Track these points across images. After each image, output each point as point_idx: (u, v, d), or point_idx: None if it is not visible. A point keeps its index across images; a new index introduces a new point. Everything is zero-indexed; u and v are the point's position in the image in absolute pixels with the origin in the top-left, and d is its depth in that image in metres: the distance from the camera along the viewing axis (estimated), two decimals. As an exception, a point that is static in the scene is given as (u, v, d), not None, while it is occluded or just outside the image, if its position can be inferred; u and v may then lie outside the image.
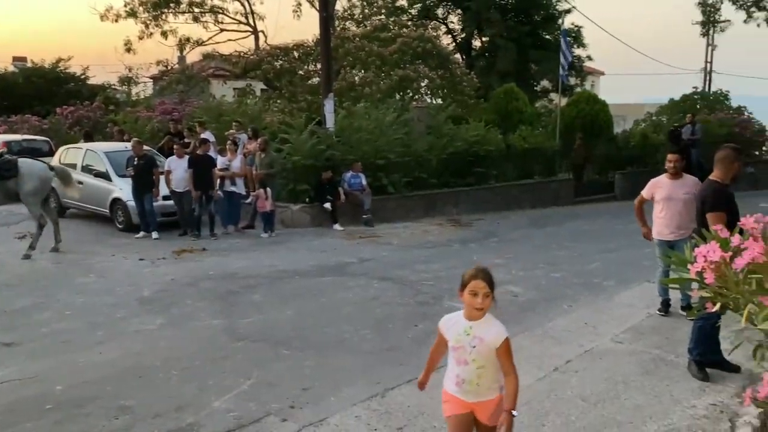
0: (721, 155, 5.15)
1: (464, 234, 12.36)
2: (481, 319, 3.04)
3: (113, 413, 4.49)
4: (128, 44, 24.71)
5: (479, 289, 2.96)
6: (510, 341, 3.05)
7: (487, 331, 3.04)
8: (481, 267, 3.03)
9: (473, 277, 2.98)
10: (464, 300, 3.03)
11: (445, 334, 3.15)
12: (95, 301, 7.44)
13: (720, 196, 5.03)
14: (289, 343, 5.92)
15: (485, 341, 3.02)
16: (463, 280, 3.03)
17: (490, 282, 2.97)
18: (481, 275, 2.97)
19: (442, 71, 21.21)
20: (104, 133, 18.35)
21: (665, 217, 6.46)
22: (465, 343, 3.05)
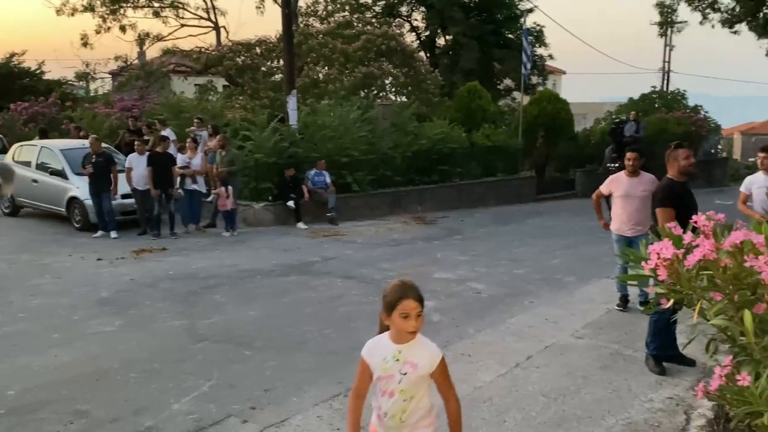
0: (667, 153, 5.31)
1: (429, 231, 12.41)
2: (412, 341, 2.62)
3: (69, 418, 4.37)
4: (85, 39, 24.06)
5: (411, 309, 2.53)
6: (446, 360, 2.68)
7: (420, 355, 2.62)
8: (408, 283, 2.60)
9: (402, 296, 2.53)
10: (393, 323, 2.58)
11: (369, 362, 2.69)
12: (51, 302, 7.24)
13: (668, 192, 5.17)
14: (251, 344, 5.86)
15: (419, 367, 2.61)
16: (389, 300, 2.57)
17: (421, 299, 2.55)
18: (412, 293, 2.53)
19: (406, 69, 21.25)
20: (60, 130, 17.87)
21: (623, 214, 6.59)
22: (394, 370, 2.62)
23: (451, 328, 6.38)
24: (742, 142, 46.94)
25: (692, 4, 21.77)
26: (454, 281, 8.24)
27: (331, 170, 13.48)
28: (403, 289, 2.55)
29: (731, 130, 46.57)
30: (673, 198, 5.10)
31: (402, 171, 15.23)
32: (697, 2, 21.55)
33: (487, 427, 4.29)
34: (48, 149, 13.04)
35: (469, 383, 5.01)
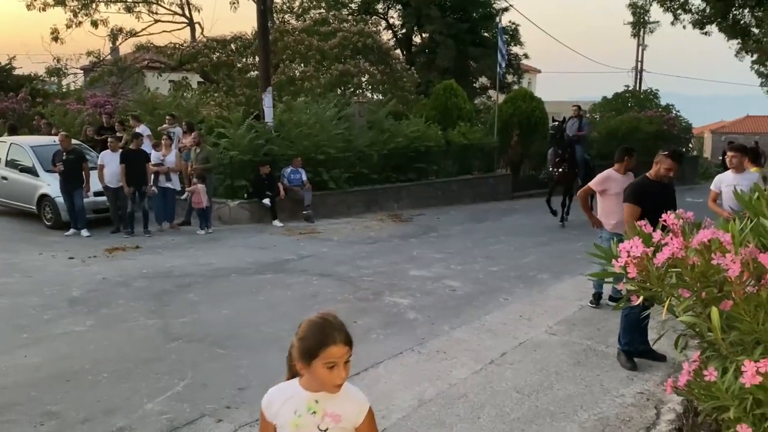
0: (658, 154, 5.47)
1: (405, 229, 12.43)
2: None
3: (38, 419, 4.30)
4: (55, 33, 23.64)
5: (338, 357, 1.97)
6: (373, 411, 2.17)
7: (343, 405, 2.07)
8: (332, 320, 2.03)
9: (329, 340, 1.96)
10: (314, 374, 2.00)
11: (273, 418, 2.13)
12: (20, 302, 7.11)
13: (637, 190, 5.30)
14: (225, 343, 5.81)
15: (342, 419, 2.07)
16: (308, 345, 1.98)
17: (350, 342, 2.01)
18: (339, 336, 1.98)
19: (382, 66, 21.24)
20: (31, 126, 17.55)
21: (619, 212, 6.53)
22: (310, 426, 2.06)
23: (426, 325, 6.40)
24: (712, 140, 47.86)
25: (664, 5, 22.07)
26: (430, 279, 8.27)
27: (308, 168, 13.42)
28: (327, 332, 1.98)
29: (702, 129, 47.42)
30: (641, 195, 5.19)
31: (378, 169, 15.23)
32: (668, 3, 21.86)
33: (462, 424, 4.32)
34: (18, 146, 12.80)
35: (444, 380, 5.04)
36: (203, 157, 12.12)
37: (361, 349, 5.66)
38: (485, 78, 29.07)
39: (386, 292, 7.58)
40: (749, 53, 23.67)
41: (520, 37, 30.24)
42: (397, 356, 5.55)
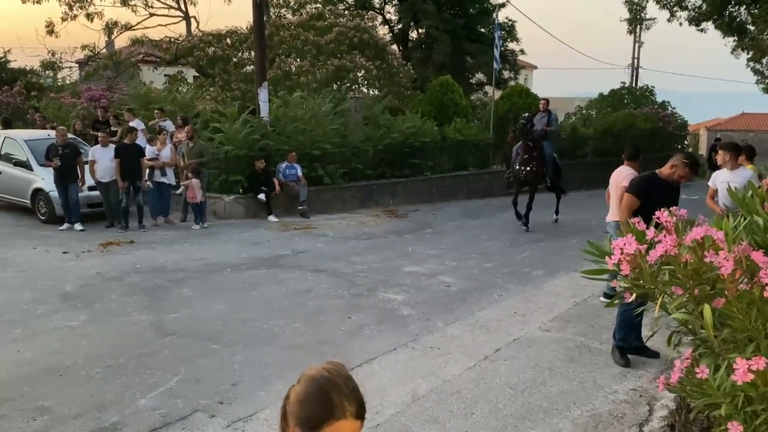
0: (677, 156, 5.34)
1: (400, 225, 12.41)
2: None
3: (31, 414, 4.29)
4: (50, 26, 23.51)
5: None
6: None
7: None
8: (347, 387, 1.57)
9: (338, 413, 1.53)
10: None
11: None
12: (13, 297, 7.08)
13: (641, 184, 5.26)
14: (218, 338, 5.80)
15: None
16: (311, 414, 1.54)
17: (364, 413, 1.58)
18: (353, 408, 1.54)
19: (378, 62, 21.18)
20: (25, 120, 17.45)
21: None
22: None
23: (420, 321, 6.40)
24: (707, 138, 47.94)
25: (660, 2, 22.06)
26: (424, 275, 8.27)
27: (303, 163, 13.39)
28: (335, 402, 1.53)
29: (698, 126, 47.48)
30: (645, 191, 5.15)
31: (374, 164, 15.20)
32: (664, 0, 21.86)
33: (455, 420, 4.33)
34: (12, 139, 12.72)
35: (437, 376, 5.04)
36: (197, 152, 12.08)
37: (355, 345, 5.71)
38: (482, 74, 29.01)
39: (380, 287, 7.57)
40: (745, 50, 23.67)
41: (516, 33, 30.16)
42: (391, 352, 5.55)
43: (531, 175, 11.43)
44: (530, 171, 11.40)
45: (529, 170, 11.39)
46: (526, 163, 11.37)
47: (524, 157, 11.38)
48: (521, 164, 11.42)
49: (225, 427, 4.19)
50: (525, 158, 11.37)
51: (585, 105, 27.44)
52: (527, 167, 11.36)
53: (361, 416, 1.56)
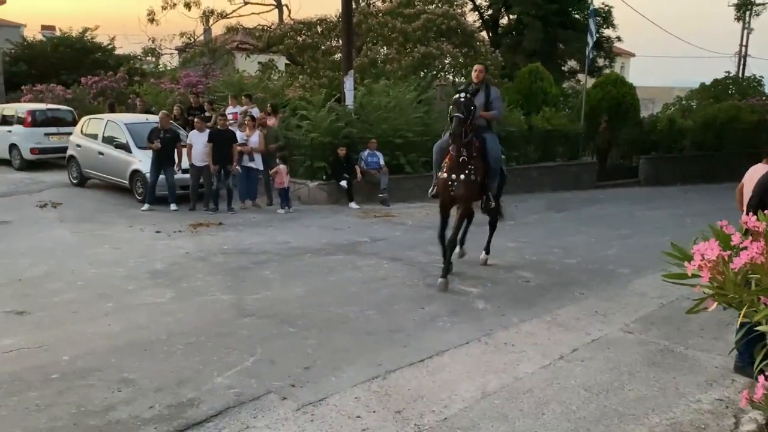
0: None
1: (480, 216, 12.19)
2: None
3: (115, 385, 4.54)
4: (151, 15, 24.66)
5: None
6: None
7: None
8: None
9: None
10: None
11: None
12: (107, 272, 7.51)
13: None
14: (294, 321, 5.93)
15: None
16: None
17: None
18: None
19: (465, 49, 20.89)
20: (127, 104, 18.45)
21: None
22: None
23: (495, 316, 6.29)
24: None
25: (774, -15, 20.51)
26: (502, 268, 8.12)
27: (385, 151, 13.44)
28: None
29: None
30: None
31: (457, 153, 15.02)
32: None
33: (525, 419, 4.23)
34: (114, 123, 13.48)
35: (509, 373, 4.94)
36: (273, 137, 12.43)
37: (427, 336, 5.68)
38: (574, 61, 28.04)
39: (456, 279, 7.50)
40: None
41: (613, 19, 28.88)
42: (463, 346, 5.49)
43: (464, 187, 7.26)
44: (464, 181, 7.24)
45: (462, 180, 7.23)
46: (459, 168, 7.24)
47: (456, 159, 7.24)
48: (450, 170, 7.30)
49: (295, 410, 4.27)
50: (457, 161, 7.23)
51: (685, 95, 25.98)
52: (459, 175, 7.23)
53: None
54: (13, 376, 4.63)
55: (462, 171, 7.22)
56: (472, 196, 7.46)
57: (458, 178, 7.23)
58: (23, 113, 16.21)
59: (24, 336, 5.41)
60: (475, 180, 7.28)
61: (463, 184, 7.23)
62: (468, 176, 7.22)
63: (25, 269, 7.49)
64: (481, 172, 7.39)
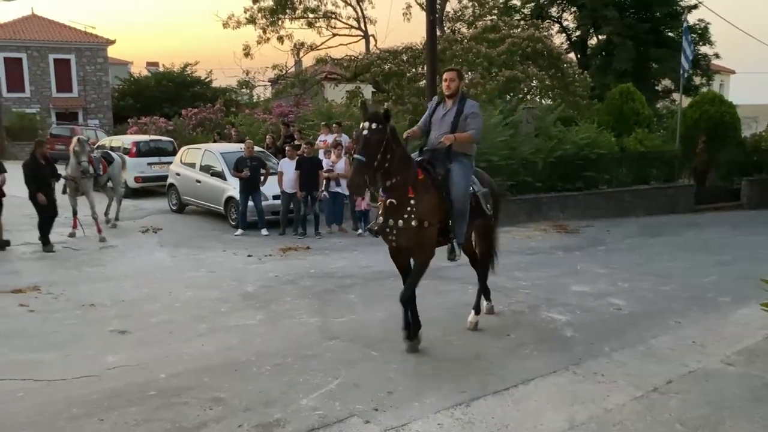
0: None
1: (569, 241, 11.93)
2: None
3: (208, 404, 4.72)
4: (246, 49, 25.96)
5: None
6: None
7: None
8: None
9: None
10: None
11: None
12: (202, 294, 7.87)
13: None
14: (378, 345, 5.97)
15: None
16: None
17: None
18: None
19: (552, 71, 20.62)
20: (223, 134, 19.42)
21: None
22: None
23: (584, 345, 6.08)
24: None
25: None
26: (592, 295, 7.86)
27: (470, 175, 13.37)
28: None
29: None
30: None
31: (543, 177, 14.77)
32: None
33: (614, 453, 4.05)
34: (210, 152, 14.21)
35: (598, 404, 4.76)
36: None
37: (512, 364, 5.57)
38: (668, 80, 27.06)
39: (543, 306, 7.33)
40: None
41: (710, 35, 27.75)
42: (550, 375, 5.34)
43: (405, 235, 5.57)
44: (404, 229, 5.53)
45: (401, 228, 5.53)
46: (392, 212, 5.54)
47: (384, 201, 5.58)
48: (384, 213, 5.61)
49: (377, 434, 4.30)
50: (385, 204, 5.58)
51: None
52: (397, 221, 5.52)
53: None
54: (114, 391, 4.92)
55: (397, 215, 5.48)
56: (424, 245, 5.65)
57: (395, 224, 5.51)
58: (129, 144, 17.40)
59: (125, 354, 5.75)
60: (419, 225, 5.49)
61: (402, 233, 5.52)
62: (408, 221, 5.48)
63: (128, 291, 7.97)
64: (436, 213, 5.65)
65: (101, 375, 5.25)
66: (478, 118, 5.97)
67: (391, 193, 5.50)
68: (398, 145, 5.51)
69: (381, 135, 5.27)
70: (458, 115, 5.89)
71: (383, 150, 5.28)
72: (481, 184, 6.29)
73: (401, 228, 5.53)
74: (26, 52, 36.22)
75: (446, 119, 5.95)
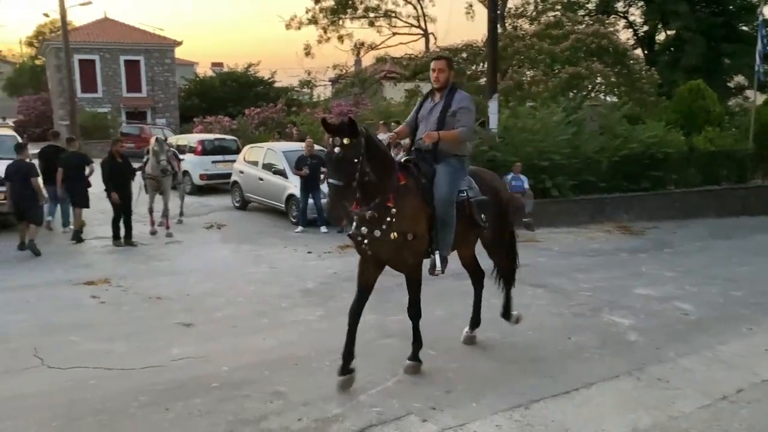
0: None
1: (634, 243, 11.59)
2: None
3: (268, 398, 4.83)
4: (308, 49, 26.34)
5: None
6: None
7: None
8: None
9: None
10: None
11: None
12: (263, 290, 8.04)
13: None
14: (435, 344, 5.94)
15: None
16: None
17: None
18: None
19: (618, 67, 20.07)
20: (284, 133, 19.77)
21: None
22: None
23: (648, 349, 5.92)
24: None
25: None
26: (657, 299, 7.62)
27: (530, 175, 13.19)
28: None
29: None
30: None
31: (607, 176, 14.40)
32: None
33: (680, 463, 3.93)
34: (272, 151, 14.48)
35: (663, 411, 4.63)
36: None
37: (573, 367, 5.46)
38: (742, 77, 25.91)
39: (605, 309, 7.15)
40: None
41: (789, 28, 26.34)
42: (612, 379, 5.22)
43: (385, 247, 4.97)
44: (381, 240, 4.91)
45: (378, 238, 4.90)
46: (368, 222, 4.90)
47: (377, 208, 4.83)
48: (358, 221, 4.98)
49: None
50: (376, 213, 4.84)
51: None
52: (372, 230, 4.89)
53: None
54: (179, 382, 5.09)
55: (374, 225, 4.84)
56: (402, 257, 5.06)
57: (370, 233, 4.87)
58: (194, 143, 17.94)
59: (190, 347, 5.93)
60: (402, 239, 4.87)
61: (382, 245, 4.91)
62: (387, 233, 4.81)
63: (192, 285, 8.22)
64: (422, 223, 5.01)
65: (167, 366, 5.44)
66: (468, 114, 5.22)
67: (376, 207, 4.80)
68: (378, 152, 4.75)
69: (355, 151, 4.46)
70: (445, 110, 5.20)
71: (362, 167, 4.52)
72: (481, 189, 5.44)
73: (378, 239, 4.84)
74: (99, 54, 37.79)
75: (432, 115, 5.27)
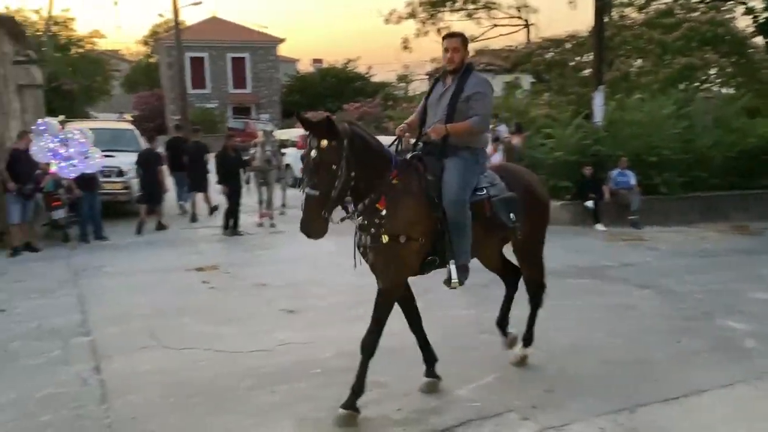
0: None
1: (751, 244, 10.87)
2: None
3: (368, 386, 4.92)
4: (405, 43, 26.42)
5: None
6: None
7: None
8: None
9: None
10: None
11: None
12: (364, 281, 8.12)
13: None
14: (535, 343, 5.83)
15: None
16: None
17: None
18: None
19: (735, 57, 18.80)
20: (381, 127, 20.00)
21: None
22: None
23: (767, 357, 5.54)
24: None
25: None
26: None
27: (637, 170, 12.65)
28: None
29: None
30: None
31: (721, 173, 13.55)
32: None
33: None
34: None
35: (784, 424, 4.33)
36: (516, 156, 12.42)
37: (682, 372, 5.21)
38: None
39: (718, 312, 6.76)
40: None
41: None
42: (727, 387, 4.94)
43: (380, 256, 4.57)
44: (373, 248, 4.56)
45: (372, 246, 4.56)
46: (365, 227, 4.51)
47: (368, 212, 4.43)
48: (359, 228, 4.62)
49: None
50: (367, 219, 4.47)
51: None
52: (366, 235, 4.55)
53: None
54: (283, 366, 5.31)
55: (366, 231, 4.44)
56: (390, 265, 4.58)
57: (366, 241, 4.51)
58: (296, 138, 18.52)
59: (294, 332, 6.16)
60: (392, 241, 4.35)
61: (373, 252, 4.49)
62: (377, 237, 4.37)
63: (296, 274, 8.51)
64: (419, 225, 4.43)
65: (272, 350, 5.67)
66: (483, 100, 4.52)
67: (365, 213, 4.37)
68: (367, 152, 4.19)
69: (335, 155, 3.94)
70: (457, 95, 4.48)
71: (344, 171, 4.00)
72: (509, 186, 4.77)
73: (371, 246, 4.42)
74: (208, 52, 39.70)
75: (443, 101, 4.56)
